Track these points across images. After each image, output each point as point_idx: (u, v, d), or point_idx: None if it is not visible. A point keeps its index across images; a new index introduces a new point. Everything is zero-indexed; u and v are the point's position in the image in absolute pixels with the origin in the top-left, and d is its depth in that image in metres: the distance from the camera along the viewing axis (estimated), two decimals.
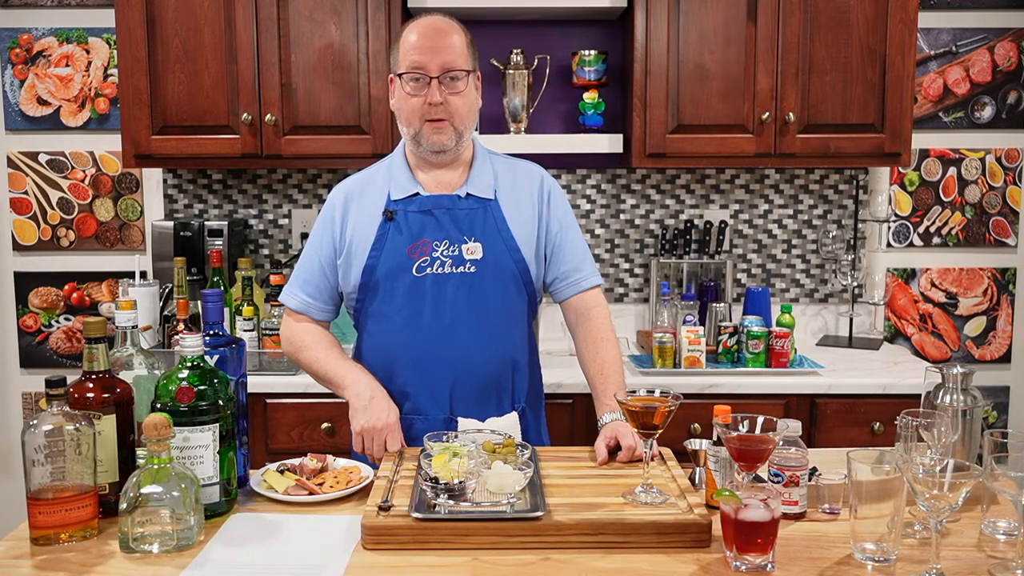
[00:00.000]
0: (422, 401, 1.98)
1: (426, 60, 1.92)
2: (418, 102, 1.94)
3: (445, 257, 1.97)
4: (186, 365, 1.58)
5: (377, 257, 1.98)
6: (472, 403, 1.98)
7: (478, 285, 1.97)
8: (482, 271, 1.97)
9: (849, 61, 2.83)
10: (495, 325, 1.99)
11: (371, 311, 2.01)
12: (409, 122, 1.97)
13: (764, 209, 3.25)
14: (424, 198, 2.00)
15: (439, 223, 1.98)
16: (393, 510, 1.51)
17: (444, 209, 1.99)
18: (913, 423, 1.54)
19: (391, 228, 1.99)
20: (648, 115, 2.84)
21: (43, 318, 3.29)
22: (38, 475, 1.47)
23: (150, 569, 1.40)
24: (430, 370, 1.97)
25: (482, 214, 2.00)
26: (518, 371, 2.04)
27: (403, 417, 1.96)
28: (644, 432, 1.62)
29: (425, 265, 1.96)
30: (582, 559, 1.43)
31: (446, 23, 1.98)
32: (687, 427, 2.61)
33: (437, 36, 1.94)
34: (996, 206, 3.29)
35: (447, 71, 1.93)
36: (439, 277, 1.96)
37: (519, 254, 2.01)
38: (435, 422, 1.96)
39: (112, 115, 3.21)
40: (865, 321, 3.28)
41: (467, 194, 2.00)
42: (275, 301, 2.72)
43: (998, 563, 1.42)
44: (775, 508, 1.38)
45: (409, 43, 1.94)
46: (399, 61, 1.97)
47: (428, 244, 1.97)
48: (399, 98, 1.98)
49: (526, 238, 2.02)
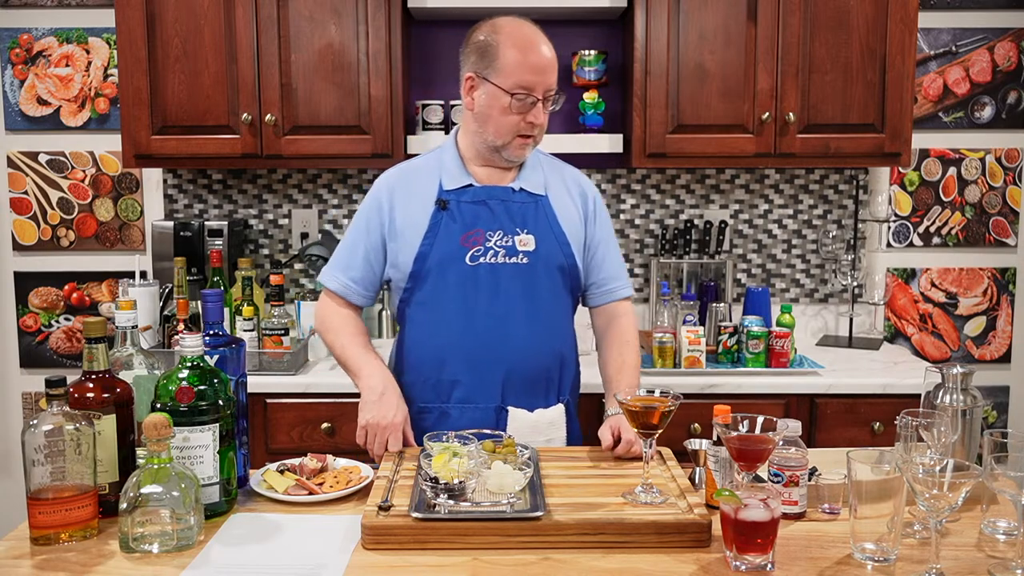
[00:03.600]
0: (474, 390, 2.00)
1: (535, 82, 1.94)
2: (517, 119, 1.96)
3: (498, 247, 1.99)
4: (186, 365, 1.58)
5: (430, 245, 2.00)
6: (523, 394, 2.01)
7: (531, 276, 2.00)
8: (534, 263, 2.00)
9: (849, 61, 2.83)
10: (546, 317, 2.02)
11: (420, 299, 2.03)
12: (499, 135, 1.98)
13: (764, 209, 3.25)
14: (478, 188, 2.03)
15: (493, 213, 2.01)
16: (393, 510, 1.51)
17: (498, 200, 2.02)
18: (913, 423, 1.54)
19: (444, 217, 2.01)
20: (648, 115, 2.84)
21: (43, 318, 3.29)
22: (38, 475, 1.47)
23: (150, 569, 1.40)
24: (483, 360, 1.98)
25: (534, 208, 2.03)
26: (565, 364, 2.07)
27: (453, 406, 2.00)
28: (644, 432, 1.62)
29: (479, 254, 1.99)
30: (582, 559, 1.43)
31: (542, 37, 1.98)
32: (687, 427, 2.61)
33: (543, 56, 1.95)
34: (996, 206, 3.29)
35: (549, 93, 1.96)
36: (493, 267, 1.99)
37: (569, 249, 2.05)
38: (486, 411, 1.99)
39: (112, 115, 3.21)
40: (865, 321, 3.28)
41: (520, 188, 2.04)
42: (275, 301, 2.72)
43: (998, 563, 1.42)
44: (775, 508, 1.38)
45: (513, 59, 1.93)
46: (497, 71, 1.94)
47: (481, 234, 2.00)
48: (492, 107, 1.96)
49: (575, 236, 2.06)
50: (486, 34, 1.99)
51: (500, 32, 1.97)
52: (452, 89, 3.17)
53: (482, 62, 1.98)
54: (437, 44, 3.17)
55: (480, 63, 1.98)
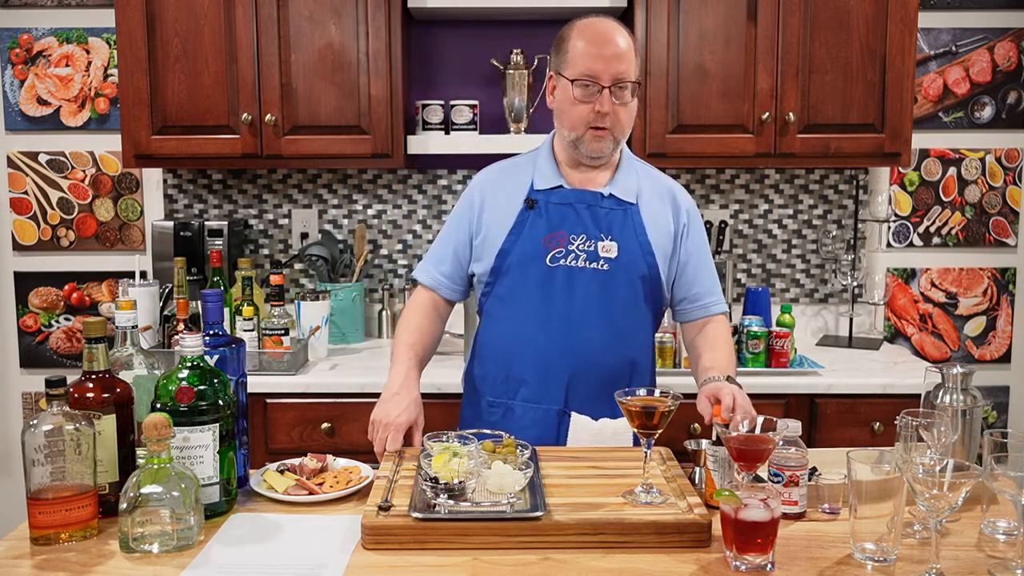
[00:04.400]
0: (538, 390, 2.00)
1: (600, 69, 1.92)
2: (585, 109, 1.94)
3: (580, 251, 1.99)
4: (186, 365, 1.58)
5: (513, 242, 2.01)
6: (588, 400, 1.99)
7: (609, 283, 1.98)
8: (615, 270, 1.99)
9: (849, 61, 2.83)
10: (621, 324, 2.00)
11: (499, 295, 2.04)
12: (572, 127, 1.98)
13: (764, 209, 3.25)
14: (567, 191, 2.03)
15: (579, 217, 2.00)
16: (393, 510, 1.51)
17: (585, 205, 2.01)
18: (913, 423, 1.54)
19: (531, 216, 2.02)
20: (648, 115, 2.84)
21: (43, 318, 3.29)
22: (38, 475, 1.47)
23: (150, 569, 1.40)
24: (550, 360, 1.98)
25: (621, 215, 2.02)
26: (637, 374, 2.04)
27: (518, 404, 2.01)
28: (644, 432, 1.62)
29: (559, 256, 1.98)
30: (582, 559, 1.43)
31: (617, 29, 1.96)
32: (687, 427, 2.61)
33: (611, 44, 1.93)
34: (996, 206, 3.29)
35: (618, 81, 1.93)
36: (572, 270, 1.98)
37: (653, 259, 2.02)
38: (549, 413, 1.99)
39: (112, 115, 3.21)
40: (865, 321, 3.28)
41: (610, 194, 2.03)
42: (275, 301, 2.72)
43: (998, 563, 1.42)
44: (775, 508, 1.38)
45: (580, 48, 1.94)
46: (567, 63, 1.96)
47: (565, 236, 1.99)
48: (563, 100, 1.98)
49: (662, 247, 2.03)
50: (565, 31, 2.01)
51: (574, 27, 1.99)
52: (452, 89, 3.18)
53: (557, 57, 2.00)
54: (437, 44, 3.17)
55: (556, 59, 2.01)
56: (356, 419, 2.65)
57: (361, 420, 2.64)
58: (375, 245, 3.26)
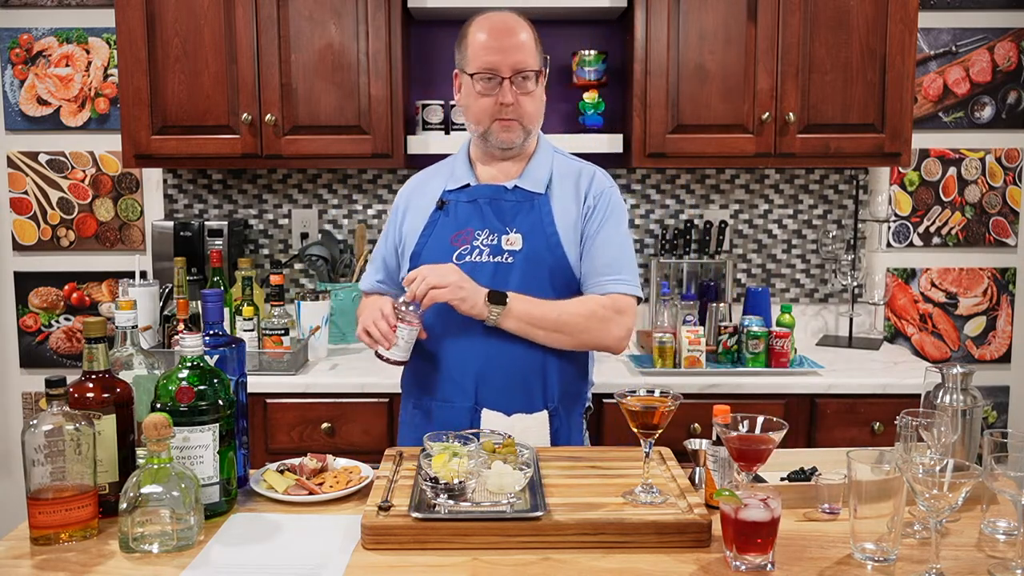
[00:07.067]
0: (449, 389, 2.00)
1: (498, 60, 1.93)
2: (489, 102, 1.96)
3: (484, 246, 1.99)
4: (186, 365, 1.58)
5: (424, 244, 2.03)
6: (499, 396, 1.98)
7: (513, 276, 1.97)
8: (518, 262, 1.98)
9: (849, 61, 2.83)
10: None
11: None
12: (478, 120, 1.99)
13: (764, 209, 3.25)
14: (474, 188, 2.04)
15: (483, 213, 2.01)
16: (393, 510, 1.51)
17: (488, 199, 2.02)
18: (913, 423, 1.54)
19: (440, 217, 2.03)
20: (648, 115, 2.84)
21: (43, 318, 3.29)
22: (38, 475, 1.47)
23: (150, 569, 1.40)
24: (458, 358, 1.98)
25: (527, 207, 2.01)
26: (550, 370, 2.01)
27: (435, 404, 2.01)
28: (644, 432, 1.62)
29: (465, 253, 1.99)
30: (582, 559, 1.43)
31: (515, 20, 1.98)
32: (687, 427, 2.61)
33: (508, 35, 1.94)
34: (996, 206, 3.29)
35: (518, 71, 1.94)
36: (476, 265, 1.97)
37: (560, 250, 1.99)
38: (461, 411, 1.98)
39: (112, 115, 3.21)
40: (865, 321, 3.28)
41: (515, 186, 2.02)
42: (275, 301, 2.72)
43: (998, 563, 1.42)
44: (775, 508, 1.38)
45: (479, 42, 1.95)
46: (468, 59, 1.98)
47: (471, 233, 2.00)
48: (467, 96, 2.00)
49: (569, 235, 2.01)
50: (464, 27, 2.03)
51: (472, 22, 2.01)
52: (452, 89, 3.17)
53: (459, 55, 2.02)
54: (437, 44, 3.17)
55: (458, 56, 2.03)
56: (356, 419, 2.65)
57: (361, 420, 2.66)
58: (375, 245, 3.26)
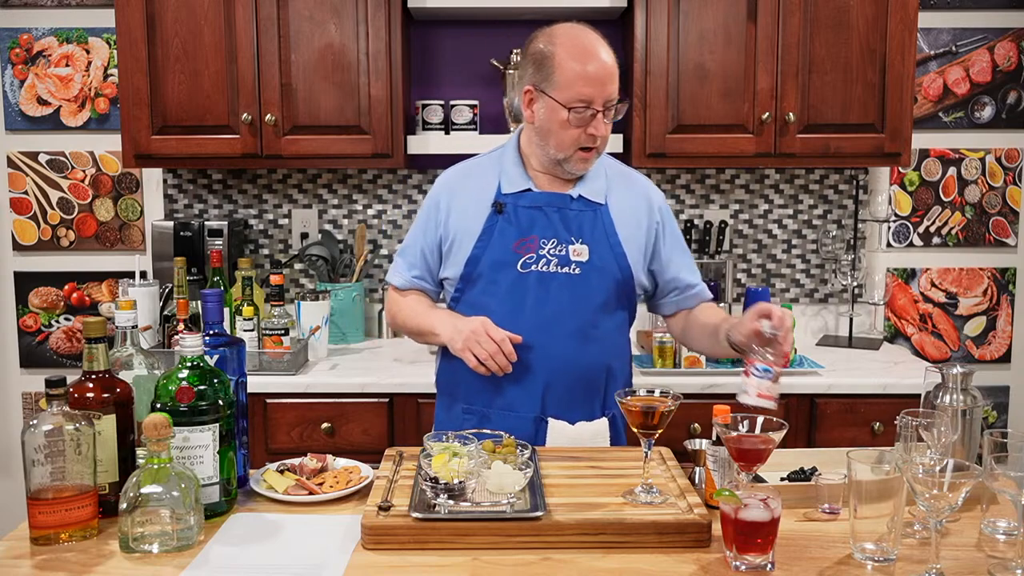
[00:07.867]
0: (514, 398, 1.97)
1: (594, 93, 1.88)
2: (577, 132, 1.91)
3: (551, 256, 1.96)
4: (186, 365, 1.58)
5: (483, 248, 1.98)
6: (564, 405, 1.97)
7: (581, 287, 1.96)
8: (587, 273, 1.96)
9: (849, 61, 2.83)
10: (595, 328, 1.98)
11: (470, 301, 2.01)
12: (561, 148, 1.94)
13: (764, 209, 3.25)
14: (536, 194, 2.00)
15: (549, 221, 1.98)
16: (393, 510, 1.51)
17: (555, 208, 1.99)
18: (913, 423, 1.54)
19: (500, 221, 1.98)
20: (648, 115, 2.84)
21: (43, 318, 3.29)
22: (38, 475, 1.47)
23: (150, 569, 1.40)
24: (526, 368, 1.95)
25: (591, 217, 1.99)
26: (612, 377, 2.02)
27: (494, 412, 1.98)
28: (644, 432, 1.62)
29: (531, 262, 1.96)
30: (582, 559, 1.43)
31: (600, 43, 1.92)
32: (687, 427, 2.61)
33: (603, 65, 1.89)
34: (996, 206, 3.29)
35: (609, 103, 1.91)
36: (544, 275, 1.96)
37: (625, 261, 1.99)
38: (526, 420, 1.97)
39: (112, 115, 3.21)
40: (865, 321, 3.28)
41: (579, 196, 2.00)
42: (275, 301, 2.72)
43: (998, 563, 1.42)
44: (775, 508, 1.38)
45: (574, 71, 1.87)
46: (557, 84, 1.89)
47: (536, 241, 1.97)
48: (550, 120, 1.92)
49: (634, 247, 2.01)
50: (544, 43, 1.93)
51: (557, 41, 1.91)
52: (452, 89, 3.18)
53: (539, 74, 1.92)
54: (437, 44, 3.18)
55: (537, 75, 1.93)
56: (356, 419, 2.65)
57: (361, 420, 2.66)
58: (375, 245, 3.26)
